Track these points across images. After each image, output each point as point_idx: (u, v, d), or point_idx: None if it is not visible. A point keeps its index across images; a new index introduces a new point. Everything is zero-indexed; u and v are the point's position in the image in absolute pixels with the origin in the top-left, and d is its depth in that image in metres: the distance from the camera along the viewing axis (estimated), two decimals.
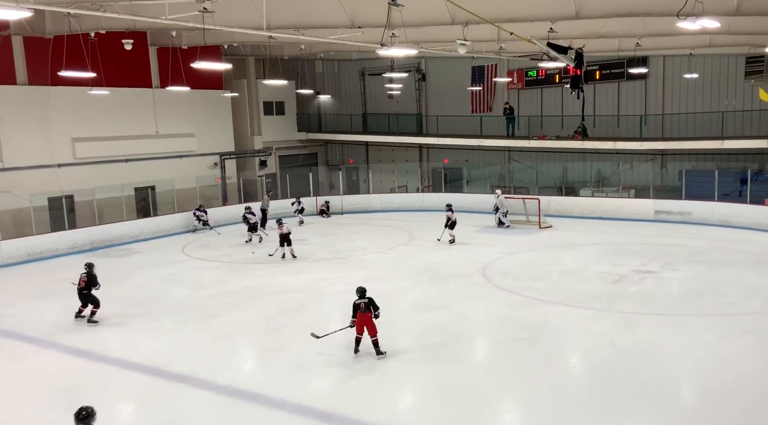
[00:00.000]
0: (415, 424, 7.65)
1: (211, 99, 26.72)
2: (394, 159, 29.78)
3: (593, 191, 23.79)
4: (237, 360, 10.12)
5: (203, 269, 16.46)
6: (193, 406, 8.49)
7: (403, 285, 13.98)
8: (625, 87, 24.23)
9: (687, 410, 7.99)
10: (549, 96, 26.03)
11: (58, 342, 11.09)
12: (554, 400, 8.15)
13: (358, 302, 9.62)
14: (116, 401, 8.82)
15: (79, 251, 19.44)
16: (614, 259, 15.71)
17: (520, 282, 13.90)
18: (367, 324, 9.61)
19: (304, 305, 12.74)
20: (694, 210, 20.59)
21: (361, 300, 9.62)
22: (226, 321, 11.95)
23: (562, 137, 24.60)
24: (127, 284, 15.24)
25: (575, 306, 12.03)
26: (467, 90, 27.66)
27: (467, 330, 11.13)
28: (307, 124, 31.34)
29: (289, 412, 8.04)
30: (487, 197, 23.34)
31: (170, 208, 23.06)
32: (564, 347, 10.20)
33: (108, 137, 23.29)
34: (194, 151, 25.93)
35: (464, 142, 26.71)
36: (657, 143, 22.71)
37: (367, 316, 9.58)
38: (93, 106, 22.37)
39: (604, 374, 8.94)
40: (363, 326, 9.62)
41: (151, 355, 10.18)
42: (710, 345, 9.88)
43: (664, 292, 12.82)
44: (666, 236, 18.45)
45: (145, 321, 12.16)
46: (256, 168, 28.65)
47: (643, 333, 10.48)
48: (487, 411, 7.94)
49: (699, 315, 11.34)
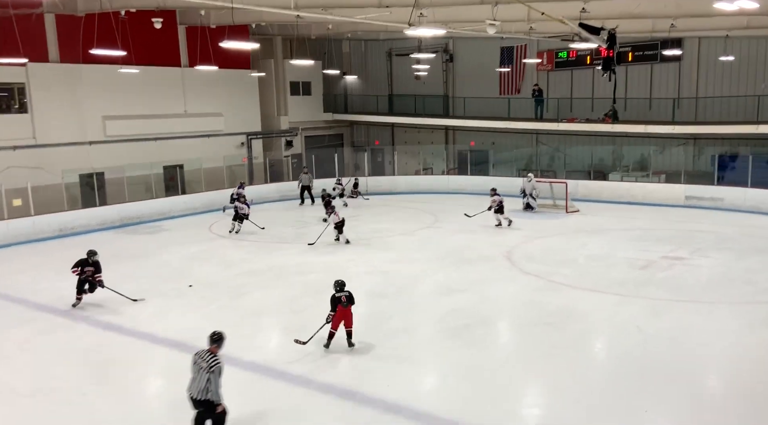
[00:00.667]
0: (436, 405, 7.69)
1: (239, 79, 26.82)
2: (419, 141, 29.65)
3: (622, 176, 23.41)
4: (262, 338, 10.27)
5: (230, 248, 16.67)
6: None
7: (426, 268, 13.99)
8: (658, 69, 23.68)
9: (713, 398, 7.91)
10: (579, 78, 25.57)
11: (89, 316, 11.36)
12: (578, 386, 8.13)
13: (339, 295, 9.15)
14: (146, 375, 9.05)
15: (109, 227, 19.82)
16: (642, 245, 15.50)
17: (545, 267, 13.80)
18: (347, 318, 9.29)
19: (328, 286, 12.72)
20: (726, 196, 20.16)
21: (342, 294, 9.17)
22: (252, 300, 12.10)
23: (592, 120, 24.19)
24: (156, 260, 15.51)
25: (601, 292, 11.92)
26: (495, 71, 27.31)
27: (491, 314, 11.12)
28: (334, 104, 31.31)
29: (313, 390, 8.15)
30: (513, 181, 23.10)
31: (198, 186, 23.33)
32: (589, 332, 10.14)
33: (138, 116, 23.57)
34: (222, 130, 26.13)
35: (491, 124, 26.43)
36: (690, 127, 22.20)
37: (348, 310, 9.25)
38: (123, 84, 22.62)
39: (630, 360, 8.87)
40: (341, 321, 9.26)
41: (179, 331, 10.37)
42: (738, 334, 9.73)
43: (693, 279, 12.63)
44: (696, 222, 18.13)
45: (173, 297, 12.38)
46: (282, 148, 28.79)
47: (670, 320, 10.36)
48: (509, 395, 7.95)
49: (728, 303, 11.16)
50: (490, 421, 7.18)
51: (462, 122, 27.59)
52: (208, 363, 6.40)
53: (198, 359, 6.50)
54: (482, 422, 7.17)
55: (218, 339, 6.65)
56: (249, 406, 7.93)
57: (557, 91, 25.95)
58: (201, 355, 6.52)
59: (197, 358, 6.51)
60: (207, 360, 6.43)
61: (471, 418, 7.27)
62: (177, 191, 23.06)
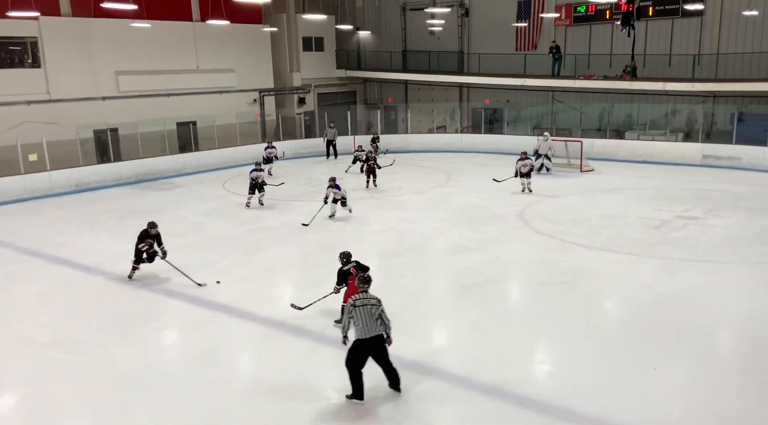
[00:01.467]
0: (448, 361, 7.82)
1: (251, 34, 26.48)
2: (433, 99, 29.28)
3: (639, 135, 23.08)
4: (277, 294, 10.42)
5: (243, 205, 16.76)
6: (234, 335, 8.84)
7: (439, 226, 14.02)
8: (679, 24, 23.04)
9: (722, 357, 7.97)
10: (598, 33, 24.95)
11: (107, 270, 11.57)
12: (588, 344, 8.21)
13: (347, 268, 8.67)
14: (163, 327, 9.26)
15: (124, 183, 20.00)
16: (657, 204, 15.40)
17: (558, 226, 13.78)
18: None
19: (341, 244, 12.88)
20: (744, 155, 19.88)
21: (350, 265, 8.68)
22: (266, 256, 12.25)
23: (610, 77, 23.70)
24: (171, 216, 15.65)
25: (614, 251, 11.91)
26: (512, 26, 26.70)
27: (503, 273, 11.18)
28: (347, 61, 30.90)
29: (325, 345, 8.29)
30: (528, 140, 22.88)
31: (211, 143, 23.34)
32: (601, 292, 10.18)
33: (150, 71, 23.45)
34: (234, 87, 25.97)
35: (506, 82, 25.99)
36: (709, 84, 21.71)
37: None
38: (135, 39, 22.45)
39: (641, 320, 8.93)
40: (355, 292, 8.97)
41: (194, 286, 10.54)
42: (752, 294, 9.73)
43: (707, 239, 12.58)
44: (712, 182, 17.94)
45: (189, 252, 12.52)
46: (294, 106, 28.60)
47: (683, 280, 10.37)
48: (520, 352, 8.05)
49: (741, 263, 11.13)
50: (501, 377, 7.30)
51: (477, 79, 27.14)
52: (376, 301, 6.72)
53: (362, 304, 6.65)
54: (493, 378, 7.29)
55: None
56: (264, 360, 8.12)
57: (575, 47, 25.38)
58: (362, 299, 6.70)
59: (362, 303, 6.66)
60: (372, 299, 6.73)
61: (482, 374, 7.40)
62: (191, 148, 23.09)
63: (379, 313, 6.70)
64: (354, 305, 6.67)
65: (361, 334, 6.68)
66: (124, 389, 7.36)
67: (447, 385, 7.23)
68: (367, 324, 6.65)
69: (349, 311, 6.69)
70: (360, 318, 6.64)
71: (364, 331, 6.67)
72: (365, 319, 6.64)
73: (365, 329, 6.66)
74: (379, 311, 6.71)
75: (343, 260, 8.79)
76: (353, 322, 6.68)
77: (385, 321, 6.75)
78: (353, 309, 6.65)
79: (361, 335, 6.69)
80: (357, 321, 6.65)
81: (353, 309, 6.65)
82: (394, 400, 6.89)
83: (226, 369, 7.85)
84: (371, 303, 6.71)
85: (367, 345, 6.70)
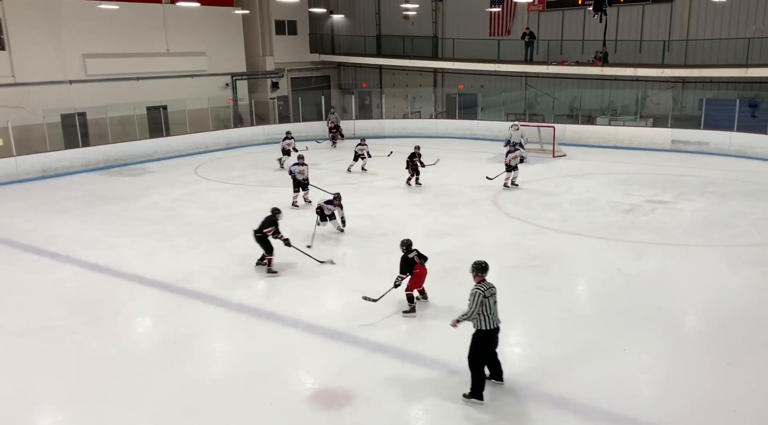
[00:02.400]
0: (423, 345, 7.89)
1: (222, 17, 26.06)
2: (408, 84, 29.22)
3: (610, 120, 23.36)
4: (251, 280, 10.35)
5: (216, 191, 16.61)
6: (207, 322, 8.79)
7: (414, 212, 14.06)
8: (650, 10, 23.29)
9: (690, 337, 8.17)
10: (570, 19, 25.11)
11: (76, 257, 11.39)
12: (561, 326, 8.35)
13: (411, 256, 8.58)
14: (134, 315, 9.16)
15: (93, 169, 19.64)
16: (627, 189, 15.65)
17: (531, 211, 13.93)
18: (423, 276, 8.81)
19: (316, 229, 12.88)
20: (712, 140, 20.26)
21: (412, 253, 8.61)
22: (240, 242, 12.12)
23: (582, 62, 23.93)
24: (141, 203, 15.45)
25: (585, 235, 12.10)
26: (486, 12, 26.71)
27: (477, 257, 11.17)
28: (320, 45, 30.60)
29: (301, 330, 8.30)
30: (502, 125, 23.04)
31: (183, 128, 23.01)
32: (572, 275, 10.34)
33: (119, 54, 22.96)
34: (205, 71, 25.57)
35: (480, 67, 26.07)
36: (679, 70, 22.05)
37: (425, 268, 8.75)
38: (103, 21, 21.94)
39: (611, 302, 9.10)
40: (422, 279, 8.79)
41: (167, 272, 10.45)
42: (718, 276, 9.97)
43: (675, 222, 12.83)
44: (681, 167, 18.27)
45: (161, 239, 12.40)
46: (267, 90, 28.29)
47: (651, 263, 10.57)
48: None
49: (709, 246, 11.39)
50: None
51: (451, 64, 27.15)
52: (495, 289, 6.56)
53: (490, 293, 6.45)
54: (466, 360, 7.36)
55: (485, 269, 6.65)
56: (238, 347, 8.09)
57: (548, 33, 25.51)
58: (490, 289, 6.48)
59: (490, 293, 6.45)
60: (493, 287, 6.55)
61: (455, 358, 7.47)
62: (161, 133, 22.72)
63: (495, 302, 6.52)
64: (485, 296, 6.40)
65: (488, 324, 6.44)
66: (96, 376, 7.28)
67: (421, 369, 7.30)
68: (494, 314, 6.46)
69: (480, 302, 6.36)
70: (488, 308, 6.40)
71: (491, 321, 6.44)
72: (493, 309, 6.45)
73: (492, 319, 6.45)
74: (495, 299, 6.53)
75: (404, 248, 8.63)
76: (482, 312, 6.38)
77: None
78: (484, 300, 6.37)
79: (488, 325, 6.44)
80: (486, 312, 6.39)
81: (484, 300, 6.37)
82: (362, 383, 6.93)
83: (200, 355, 7.81)
84: (494, 292, 6.53)
85: (492, 336, 6.51)
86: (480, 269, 6.64)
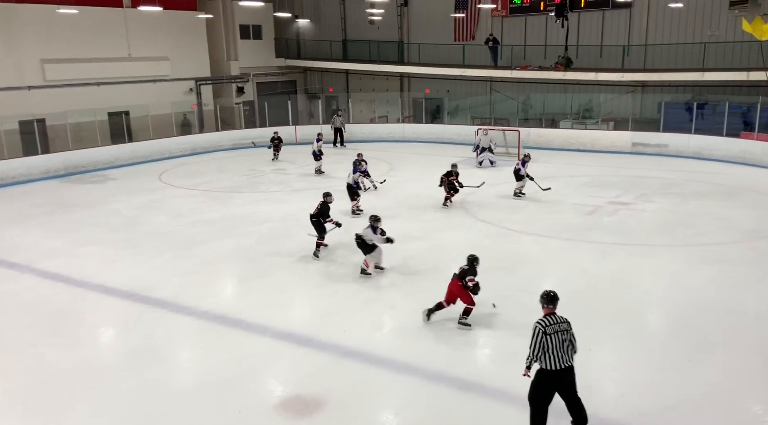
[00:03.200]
0: (393, 349, 7.89)
1: (185, 21, 25.76)
2: (374, 88, 29.28)
3: (573, 123, 23.79)
4: (217, 287, 10.24)
5: (181, 198, 16.37)
6: (173, 331, 8.65)
7: (383, 215, 14.02)
8: (609, 16, 23.81)
9: (653, 336, 8.35)
10: (533, 24, 25.52)
11: (36, 267, 11.09)
12: (528, 326, 8.38)
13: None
14: (97, 325, 8.95)
15: (53, 177, 19.17)
16: (590, 191, 15.93)
17: (498, 214, 14.08)
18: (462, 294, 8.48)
19: (283, 235, 12.82)
20: (671, 142, 20.79)
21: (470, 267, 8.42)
22: (206, 249, 12.00)
23: (545, 67, 24.32)
24: (103, 210, 15.14)
25: (550, 237, 12.28)
26: (450, 17, 26.96)
27: (446, 260, 11.30)
28: (286, 50, 30.49)
29: (269, 337, 8.23)
30: (469, 129, 23.27)
31: (146, 134, 22.63)
32: (538, 276, 10.47)
33: (79, 59, 22.51)
34: (168, 75, 25.24)
35: (446, 71, 26.29)
36: (638, 74, 22.60)
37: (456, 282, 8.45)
38: (62, 26, 21.48)
39: (576, 301, 9.21)
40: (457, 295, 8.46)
41: (131, 281, 10.25)
42: (678, 274, 10.22)
43: (637, 223, 13.11)
44: (642, 169, 18.68)
45: (124, 247, 12.16)
46: (233, 95, 28.03)
47: (614, 263, 10.78)
48: (462, 336, 8.20)
49: (669, 246, 11.67)
50: (444, 363, 7.43)
51: (417, 69, 27.32)
52: (567, 323, 5.80)
53: (553, 330, 5.67)
54: (435, 364, 7.41)
55: (556, 298, 5.87)
56: (206, 355, 7.98)
57: (511, 38, 25.87)
58: (553, 325, 5.70)
59: (553, 329, 5.67)
60: (563, 323, 5.78)
61: (424, 361, 7.51)
62: (124, 139, 22.30)
63: (569, 338, 5.76)
64: (545, 333, 5.65)
65: (551, 365, 5.65)
66: (58, 388, 7.10)
67: (391, 373, 7.30)
68: (558, 354, 5.64)
69: (540, 340, 5.63)
70: (551, 346, 5.62)
71: (554, 361, 5.65)
72: (557, 347, 5.64)
73: (556, 359, 5.64)
74: (569, 336, 5.76)
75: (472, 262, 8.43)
76: (542, 350, 5.63)
77: (574, 345, 5.79)
78: (545, 337, 5.63)
79: (551, 365, 5.65)
80: (547, 350, 5.63)
81: (545, 337, 5.63)
82: (332, 389, 6.90)
83: (166, 365, 7.68)
84: (562, 327, 5.74)
85: (557, 378, 5.70)
86: (547, 299, 5.89)
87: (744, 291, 9.47)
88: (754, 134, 19.27)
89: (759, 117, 19.17)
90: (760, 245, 11.57)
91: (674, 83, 22.62)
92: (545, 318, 5.79)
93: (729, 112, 20.00)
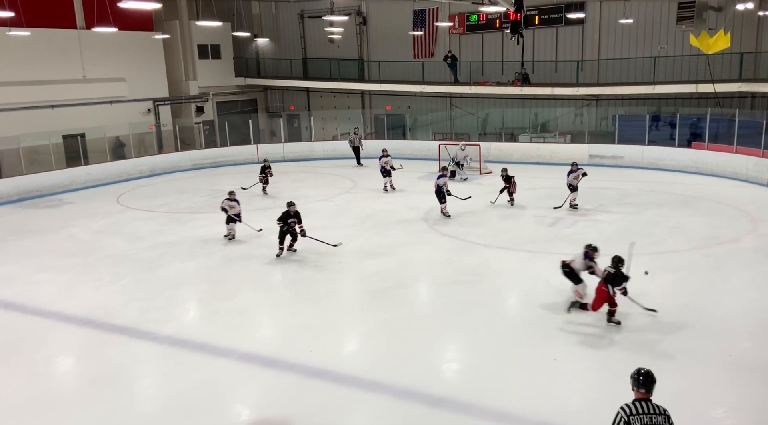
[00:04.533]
0: (360, 366, 7.83)
1: (142, 41, 25.44)
2: (336, 106, 29.37)
3: (531, 137, 24.24)
4: (180, 311, 10.03)
5: (140, 220, 16.04)
6: (135, 357, 8.41)
7: (347, 233, 14.04)
8: (563, 32, 24.45)
9: (615, 344, 8.48)
10: (490, 41, 26.01)
11: None
12: (493, 339, 8.50)
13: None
14: (55, 354, 8.66)
15: (5, 203, 18.57)
16: (550, 203, 16.19)
17: (461, 228, 14.19)
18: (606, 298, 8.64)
19: (247, 255, 12.67)
20: (626, 154, 21.36)
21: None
22: (167, 272, 11.76)
23: (503, 83, 24.78)
24: (59, 235, 14.73)
25: (513, 249, 12.43)
26: (409, 35, 27.30)
27: (410, 275, 11.35)
28: (245, 69, 30.37)
29: (235, 360, 8.08)
30: (431, 144, 23.55)
31: (103, 156, 22.18)
32: (502, 288, 10.58)
33: (32, 82, 21.98)
34: (125, 96, 24.81)
35: (406, 88, 26.57)
36: (592, 88, 23.20)
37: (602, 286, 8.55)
38: (13, 48, 20.99)
39: (540, 313, 9.34)
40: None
41: (89, 308, 9.96)
42: (637, 281, 10.41)
43: (596, 233, 13.36)
44: (599, 180, 19.06)
45: (81, 273, 11.84)
46: (192, 115, 27.73)
47: None
48: (430, 352, 8.20)
49: (628, 254, 11.88)
50: (411, 378, 7.41)
51: (378, 86, 27.53)
52: (663, 415, 4.69)
53: (641, 422, 4.61)
54: (404, 380, 7.38)
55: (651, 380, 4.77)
56: (169, 380, 7.79)
57: (469, 54, 26.31)
58: (641, 415, 4.63)
59: (641, 421, 4.61)
60: (658, 415, 4.66)
61: (392, 377, 7.47)
62: (79, 162, 21.78)
63: None
64: (628, 422, 4.61)
65: None
66: (13, 421, 6.81)
67: (359, 391, 7.24)
68: None
69: None
70: None
71: None
72: None
73: None
74: None
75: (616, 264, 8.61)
76: None
77: None
78: None
79: None
80: None
81: None
82: (299, 410, 6.81)
83: (128, 392, 7.46)
84: (655, 421, 4.60)
85: None
86: (638, 381, 4.77)
87: (704, 297, 9.73)
88: (705, 144, 19.96)
89: (708, 128, 19.88)
90: (715, 252, 11.92)
91: (627, 97, 23.31)
92: (633, 405, 4.70)
93: (680, 123, 20.69)
